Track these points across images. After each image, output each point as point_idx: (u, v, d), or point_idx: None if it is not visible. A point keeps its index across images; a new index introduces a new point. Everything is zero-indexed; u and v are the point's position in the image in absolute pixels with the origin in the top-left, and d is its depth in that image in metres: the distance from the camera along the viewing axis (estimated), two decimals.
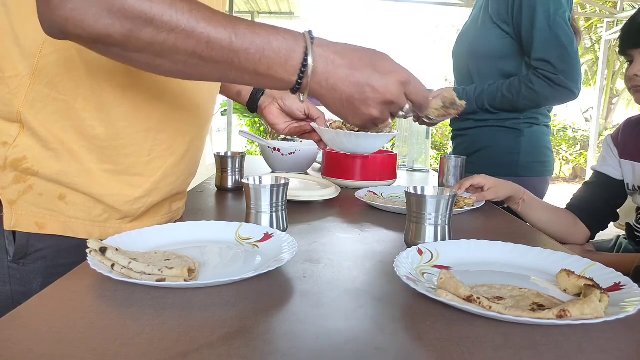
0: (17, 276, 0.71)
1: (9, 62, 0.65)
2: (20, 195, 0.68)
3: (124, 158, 0.73)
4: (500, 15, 1.40)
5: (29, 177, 0.68)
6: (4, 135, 0.67)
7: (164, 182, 0.79)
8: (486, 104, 1.41)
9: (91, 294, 0.57)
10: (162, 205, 0.83)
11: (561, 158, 8.78)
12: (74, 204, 0.71)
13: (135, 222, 0.78)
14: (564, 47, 1.31)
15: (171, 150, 0.78)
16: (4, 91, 0.66)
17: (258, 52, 0.55)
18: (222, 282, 0.58)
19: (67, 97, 0.67)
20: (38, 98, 0.66)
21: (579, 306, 0.50)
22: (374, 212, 1.07)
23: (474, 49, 1.48)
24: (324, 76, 0.58)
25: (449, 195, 0.77)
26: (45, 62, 0.65)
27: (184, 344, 0.45)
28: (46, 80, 0.66)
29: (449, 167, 1.32)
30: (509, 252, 0.73)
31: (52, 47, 0.65)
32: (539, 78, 1.33)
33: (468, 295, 0.53)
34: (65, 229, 0.71)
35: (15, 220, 0.68)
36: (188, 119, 0.79)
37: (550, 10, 1.31)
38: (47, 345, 0.45)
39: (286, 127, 1.04)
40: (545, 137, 1.52)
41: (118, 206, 0.74)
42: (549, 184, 1.57)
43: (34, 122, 0.67)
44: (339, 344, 0.47)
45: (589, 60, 10.89)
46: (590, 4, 7.62)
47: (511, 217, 1.09)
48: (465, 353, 0.46)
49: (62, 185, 0.70)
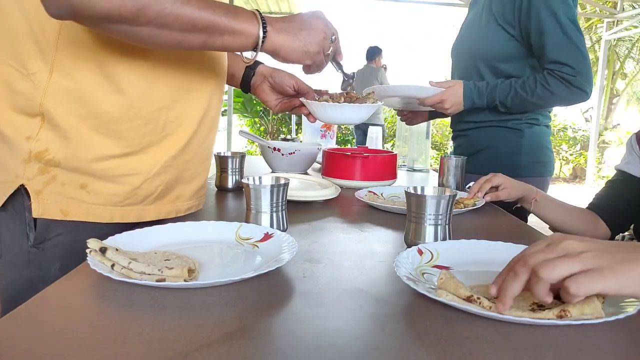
0: (36, 261, 0.75)
1: (31, 59, 0.70)
2: (45, 186, 0.73)
3: (140, 138, 0.77)
4: (506, 17, 1.38)
5: (52, 168, 0.73)
6: (27, 130, 0.72)
7: (179, 160, 0.83)
8: (497, 100, 1.38)
9: (91, 294, 0.57)
10: (181, 189, 0.86)
11: (561, 158, 8.78)
12: (95, 191, 0.75)
13: (155, 205, 0.82)
14: (578, 49, 1.30)
15: (183, 128, 0.82)
16: (28, 87, 0.71)
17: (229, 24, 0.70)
18: (222, 282, 0.58)
19: (84, 85, 0.72)
20: (58, 90, 0.71)
21: (579, 306, 0.50)
22: (374, 212, 1.07)
23: (477, 50, 1.47)
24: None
25: (449, 195, 0.77)
26: (62, 55, 0.70)
27: (184, 344, 0.45)
28: (63, 72, 0.71)
29: (449, 167, 1.32)
30: (509, 252, 0.73)
31: (67, 40, 0.70)
32: (556, 79, 1.31)
33: (468, 296, 0.53)
34: (87, 215, 0.75)
35: (42, 208, 0.73)
36: (197, 99, 0.84)
37: (559, 13, 1.30)
38: (47, 345, 0.45)
39: (277, 103, 1.09)
40: (546, 137, 1.52)
41: (138, 184, 0.78)
42: (549, 184, 1.57)
43: (55, 114, 0.71)
44: (339, 344, 0.47)
45: None
46: (590, 4, 7.62)
47: (511, 217, 1.09)
48: (465, 353, 0.46)
49: (83, 174, 0.74)
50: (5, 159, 0.73)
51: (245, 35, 0.73)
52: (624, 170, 1.27)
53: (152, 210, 0.82)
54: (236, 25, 0.71)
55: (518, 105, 1.38)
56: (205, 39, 0.70)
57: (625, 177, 1.26)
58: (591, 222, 1.24)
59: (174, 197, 0.86)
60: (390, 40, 23.05)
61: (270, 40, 0.75)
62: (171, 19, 0.64)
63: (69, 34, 0.69)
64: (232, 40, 0.72)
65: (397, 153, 1.41)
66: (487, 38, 1.42)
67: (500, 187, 1.15)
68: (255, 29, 0.73)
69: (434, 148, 7.86)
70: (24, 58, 0.70)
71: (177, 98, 0.80)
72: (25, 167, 0.72)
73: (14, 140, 0.72)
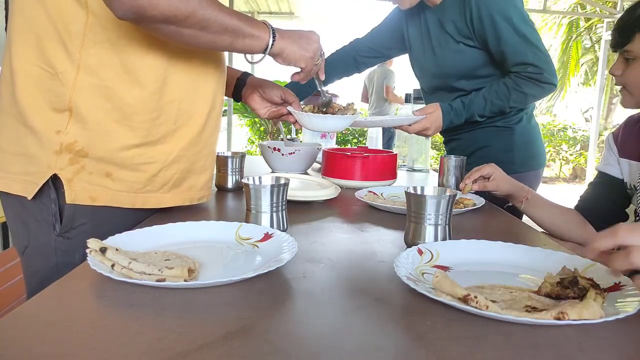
0: (62, 248, 0.83)
1: (58, 60, 0.78)
2: (75, 174, 0.81)
3: (157, 128, 0.85)
4: (461, 32, 1.41)
5: (81, 158, 0.81)
6: (57, 125, 0.79)
7: (191, 151, 0.92)
8: (475, 115, 1.43)
9: (91, 294, 0.57)
10: (194, 180, 0.95)
11: (561, 158, 8.77)
12: (119, 179, 0.83)
13: (172, 193, 0.91)
14: (536, 47, 1.34)
15: (193, 121, 0.91)
16: (57, 85, 0.78)
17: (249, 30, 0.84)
18: (222, 282, 0.58)
19: (108, 82, 0.80)
20: (84, 86, 0.79)
21: (578, 309, 0.49)
22: (374, 212, 1.07)
23: (446, 71, 1.49)
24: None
25: (449, 195, 0.77)
26: (87, 55, 0.78)
27: (184, 344, 0.45)
28: (89, 70, 0.79)
29: (449, 167, 1.32)
30: (509, 252, 0.73)
31: (92, 41, 0.78)
32: (526, 80, 1.36)
33: (464, 295, 0.53)
34: (113, 200, 0.84)
35: (74, 195, 0.81)
36: (203, 95, 0.93)
37: (510, 15, 1.33)
38: (47, 345, 0.45)
39: (266, 112, 1.21)
40: (536, 131, 1.55)
41: (156, 171, 0.87)
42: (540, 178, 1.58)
43: (82, 108, 0.79)
44: (339, 344, 0.47)
45: (589, 60, 10.89)
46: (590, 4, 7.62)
47: (511, 217, 1.09)
48: (465, 353, 0.46)
49: (108, 163, 0.82)
50: (36, 151, 0.80)
51: (260, 40, 0.87)
52: (604, 172, 1.27)
53: (169, 198, 0.91)
54: (254, 32, 0.85)
55: (496, 112, 1.43)
56: (231, 40, 0.82)
57: (607, 178, 1.27)
58: (581, 223, 1.24)
59: (188, 187, 0.94)
60: None
61: (276, 43, 0.89)
62: (210, 22, 0.76)
63: (93, 35, 0.78)
64: (251, 43, 0.85)
65: (397, 153, 1.41)
66: (454, 57, 1.45)
67: (491, 177, 1.15)
68: (267, 35, 0.88)
69: (434, 148, 7.86)
70: (51, 59, 0.78)
71: (187, 93, 0.89)
72: (57, 158, 0.79)
73: (44, 134, 0.79)
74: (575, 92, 10.90)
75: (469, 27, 1.38)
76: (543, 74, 1.33)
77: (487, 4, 1.34)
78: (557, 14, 9.69)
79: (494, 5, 1.33)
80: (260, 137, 7.43)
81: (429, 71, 1.56)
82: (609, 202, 1.25)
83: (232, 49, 0.84)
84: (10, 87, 0.80)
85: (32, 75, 0.79)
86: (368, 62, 1.75)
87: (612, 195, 1.26)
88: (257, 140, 7.36)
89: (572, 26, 10.27)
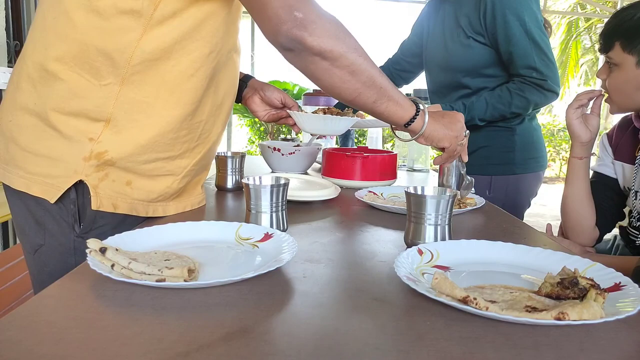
0: (81, 248, 0.82)
1: (104, 73, 0.78)
2: (100, 182, 0.82)
3: (180, 145, 0.88)
4: (474, 28, 1.41)
5: (107, 167, 0.82)
6: (90, 133, 0.80)
7: (200, 165, 0.95)
8: (476, 118, 1.43)
9: (91, 294, 0.57)
10: (192, 186, 0.98)
11: (561, 158, 8.76)
12: (138, 188, 0.86)
13: (174, 202, 0.94)
14: (544, 53, 1.35)
15: (209, 138, 0.94)
16: (98, 96, 0.79)
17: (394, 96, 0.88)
18: (222, 282, 0.58)
19: (150, 99, 0.81)
20: (126, 101, 0.80)
21: (578, 310, 0.49)
22: (374, 212, 1.07)
23: (455, 65, 1.49)
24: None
25: (449, 195, 0.77)
26: (133, 71, 0.79)
27: (184, 344, 0.45)
28: (132, 85, 0.80)
29: (449, 167, 1.32)
30: (509, 252, 0.73)
31: (139, 59, 0.78)
32: (529, 85, 1.36)
33: (464, 296, 0.53)
34: (131, 209, 0.86)
35: (99, 202, 0.82)
36: (224, 113, 0.97)
37: (524, 18, 1.33)
38: (47, 345, 0.45)
39: (266, 114, 1.23)
40: (537, 132, 1.55)
41: (170, 183, 0.89)
42: (541, 180, 1.58)
43: (120, 120, 0.80)
44: (339, 344, 0.47)
45: (589, 60, 10.89)
46: (590, 4, 7.62)
47: (511, 217, 1.09)
48: (465, 353, 0.46)
49: (130, 172, 0.84)
50: (63, 155, 0.80)
51: (404, 109, 0.89)
52: (599, 172, 1.28)
53: (172, 206, 0.93)
54: (401, 100, 0.88)
55: (497, 117, 1.44)
56: (377, 98, 0.84)
57: (602, 177, 1.27)
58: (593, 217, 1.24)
59: (188, 194, 0.98)
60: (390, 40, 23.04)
61: (420, 117, 0.90)
62: (361, 70, 0.80)
63: (140, 55, 0.78)
64: (395, 109, 0.87)
65: (397, 153, 1.41)
66: (463, 52, 1.46)
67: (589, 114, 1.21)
68: (412, 107, 0.90)
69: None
70: (97, 71, 0.78)
71: (211, 114, 0.92)
72: (85, 165, 0.80)
73: (76, 139, 0.80)
74: (575, 92, 10.90)
75: (482, 23, 1.39)
76: (547, 80, 1.34)
77: (503, 2, 1.34)
78: (557, 14, 9.69)
79: (510, 4, 1.33)
80: (260, 137, 7.42)
81: (438, 65, 1.56)
82: (607, 200, 1.26)
83: (375, 107, 0.85)
84: (32, 85, 0.79)
85: (71, 82, 0.78)
86: (405, 76, 1.78)
87: (609, 193, 1.26)
88: (257, 140, 7.36)
89: (571, 26, 10.27)
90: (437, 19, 1.56)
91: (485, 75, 1.45)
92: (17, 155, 0.82)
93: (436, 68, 1.58)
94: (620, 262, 1.14)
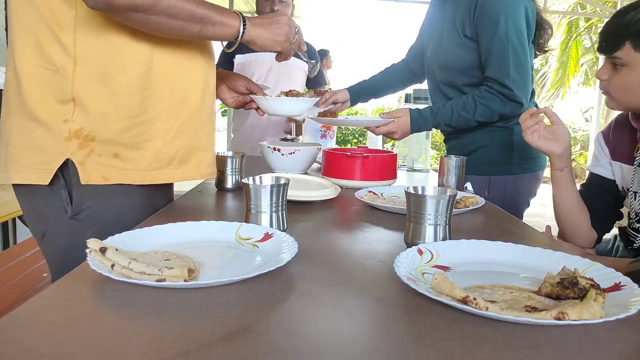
0: (75, 230, 0.89)
1: (57, 56, 0.84)
2: (86, 158, 0.87)
3: (152, 106, 0.91)
4: (466, 26, 1.43)
5: (89, 142, 0.87)
6: (64, 114, 0.86)
7: (191, 127, 0.98)
8: (442, 124, 1.45)
9: (91, 294, 0.57)
10: (202, 156, 1.01)
11: None
12: (127, 158, 0.90)
13: (181, 169, 0.97)
14: (520, 60, 1.35)
15: (188, 98, 0.97)
16: (59, 79, 0.85)
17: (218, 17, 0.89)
18: (222, 282, 0.58)
19: (103, 69, 0.86)
20: (83, 77, 0.85)
21: (578, 310, 0.49)
22: (374, 212, 1.07)
23: (449, 64, 1.50)
24: None
25: (449, 195, 0.77)
26: (80, 47, 0.84)
27: (184, 344, 0.45)
28: (84, 61, 0.85)
29: (449, 167, 1.32)
30: (509, 252, 0.73)
31: (82, 34, 0.84)
32: (493, 94, 1.37)
33: (464, 297, 0.53)
34: (123, 178, 0.90)
35: (88, 176, 0.87)
36: (195, 73, 0.99)
37: (507, 22, 1.34)
38: (47, 345, 0.45)
39: (233, 101, 1.29)
40: None
41: (159, 147, 0.93)
42: (541, 180, 1.58)
43: (84, 97, 0.85)
44: (339, 344, 0.47)
45: (589, 60, 10.88)
46: (590, 4, 7.62)
47: (511, 217, 1.09)
48: (465, 353, 0.46)
49: (115, 144, 0.88)
50: (46, 142, 0.86)
51: (230, 27, 0.91)
52: (595, 173, 1.27)
53: (179, 174, 0.97)
54: (224, 20, 0.90)
55: (463, 125, 1.45)
56: (200, 28, 0.87)
57: (598, 179, 1.27)
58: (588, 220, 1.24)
59: (197, 163, 1.00)
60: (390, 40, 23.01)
61: (248, 32, 0.94)
62: (177, 10, 0.82)
63: (83, 28, 0.84)
64: (221, 30, 0.90)
65: (397, 153, 1.41)
66: (458, 52, 1.47)
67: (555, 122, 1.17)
68: (237, 23, 0.92)
69: (434, 148, 7.85)
70: (50, 56, 0.84)
71: (176, 73, 0.95)
72: (68, 144, 0.86)
73: (53, 125, 0.85)
74: (575, 92, 10.89)
75: (472, 21, 1.40)
76: (513, 91, 1.35)
77: (491, 3, 1.35)
78: (557, 13, 9.68)
79: (497, 6, 1.35)
80: None
81: (437, 64, 1.57)
82: (603, 203, 1.25)
83: (203, 36, 0.89)
84: (17, 89, 0.86)
85: (36, 75, 0.85)
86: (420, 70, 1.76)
87: (605, 196, 1.26)
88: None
89: (571, 26, 10.27)
90: (439, 19, 1.57)
91: (480, 76, 1.45)
92: (11, 154, 0.88)
93: (435, 67, 1.58)
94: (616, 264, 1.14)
